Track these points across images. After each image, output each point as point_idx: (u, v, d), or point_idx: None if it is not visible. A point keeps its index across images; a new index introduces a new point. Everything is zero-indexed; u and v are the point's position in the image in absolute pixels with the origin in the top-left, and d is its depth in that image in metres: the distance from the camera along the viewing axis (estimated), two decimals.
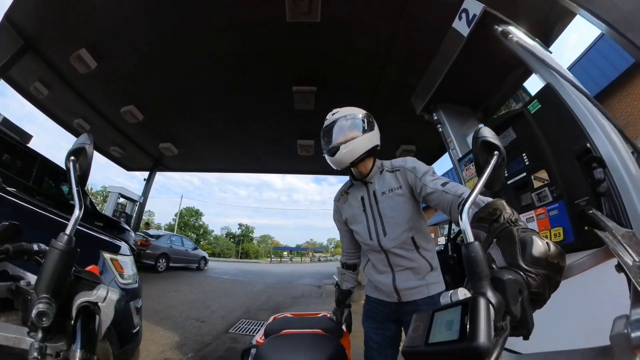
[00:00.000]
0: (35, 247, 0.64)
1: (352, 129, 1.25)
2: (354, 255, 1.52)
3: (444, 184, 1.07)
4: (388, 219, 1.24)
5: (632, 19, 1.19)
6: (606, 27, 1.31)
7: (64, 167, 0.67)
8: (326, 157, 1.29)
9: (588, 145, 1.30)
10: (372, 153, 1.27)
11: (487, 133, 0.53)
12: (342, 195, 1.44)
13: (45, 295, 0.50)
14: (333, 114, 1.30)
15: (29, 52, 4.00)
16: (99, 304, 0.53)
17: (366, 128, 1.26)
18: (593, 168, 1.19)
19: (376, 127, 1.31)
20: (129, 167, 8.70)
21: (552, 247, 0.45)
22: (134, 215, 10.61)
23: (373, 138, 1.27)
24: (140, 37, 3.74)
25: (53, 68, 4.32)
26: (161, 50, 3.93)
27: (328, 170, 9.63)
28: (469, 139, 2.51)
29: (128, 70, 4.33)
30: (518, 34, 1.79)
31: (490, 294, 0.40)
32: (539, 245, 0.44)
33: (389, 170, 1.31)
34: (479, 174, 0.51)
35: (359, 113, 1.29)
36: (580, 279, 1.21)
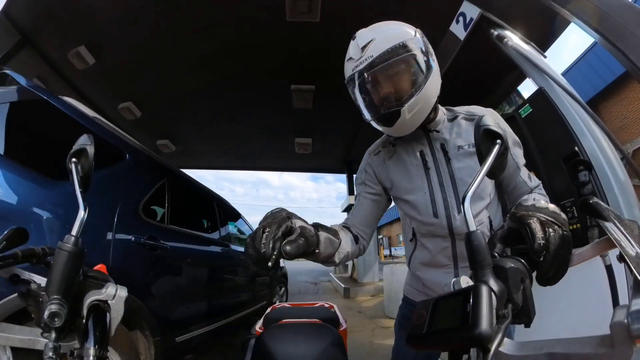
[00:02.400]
0: (43, 250, 0.65)
1: (409, 68, 0.78)
2: (363, 233, 0.99)
3: (528, 176, 0.88)
4: (466, 186, 0.88)
5: (622, 29, 1.22)
6: (598, 36, 1.34)
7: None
8: (373, 124, 0.87)
9: (576, 148, 1.34)
10: None
11: (490, 121, 0.51)
12: (385, 147, 0.97)
13: (56, 297, 0.51)
14: (364, 46, 0.78)
15: (26, 48, 3.97)
16: (109, 301, 0.55)
17: (429, 60, 0.80)
18: (579, 171, 1.22)
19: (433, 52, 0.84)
20: None
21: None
22: None
23: (438, 74, 0.83)
24: (139, 33, 3.72)
25: (51, 64, 4.28)
26: (160, 46, 3.92)
27: (325, 169, 9.64)
28: None
29: (126, 67, 4.31)
30: (513, 38, 1.82)
31: (492, 282, 0.40)
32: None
33: (465, 117, 0.91)
34: (481, 162, 0.50)
35: (407, 32, 0.80)
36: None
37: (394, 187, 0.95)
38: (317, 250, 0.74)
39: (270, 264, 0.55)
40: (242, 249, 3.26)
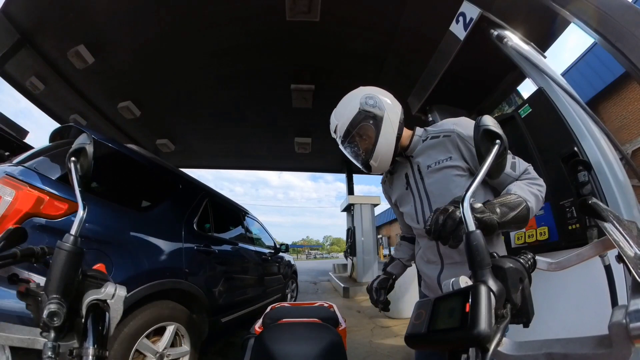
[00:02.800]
0: (42, 249, 0.64)
1: (364, 133, 1.08)
2: (412, 232, 1.32)
3: (512, 166, 0.96)
4: (436, 197, 1.04)
5: (622, 29, 1.22)
6: (598, 36, 1.34)
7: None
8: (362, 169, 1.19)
9: (575, 149, 1.34)
10: (401, 131, 1.09)
11: (489, 121, 0.51)
12: (387, 177, 1.27)
13: (55, 296, 0.51)
14: (334, 131, 1.14)
15: (25, 47, 3.96)
16: (108, 301, 0.54)
17: (377, 116, 1.05)
18: (578, 171, 1.22)
19: (385, 101, 1.08)
20: None
21: None
22: None
23: (391, 119, 1.06)
24: (138, 33, 3.72)
25: (49, 63, 4.27)
26: (159, 46, 3.91)
27: (325, 168, 9.65)
28: None
29: (126, 66, 4.30)
30: (513, 38, 1.82)
31: (491, 282, 0.40)
32: None
33: (434, 136, 1.08)
34: (481, 162, 0.50)
35: (354, 108, 1.07)
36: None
37: (397, 204, 1.24)
38: (394, 277, 1.29)
39: (382, 309, 1.20)
40: (260, 249, 4.13)
